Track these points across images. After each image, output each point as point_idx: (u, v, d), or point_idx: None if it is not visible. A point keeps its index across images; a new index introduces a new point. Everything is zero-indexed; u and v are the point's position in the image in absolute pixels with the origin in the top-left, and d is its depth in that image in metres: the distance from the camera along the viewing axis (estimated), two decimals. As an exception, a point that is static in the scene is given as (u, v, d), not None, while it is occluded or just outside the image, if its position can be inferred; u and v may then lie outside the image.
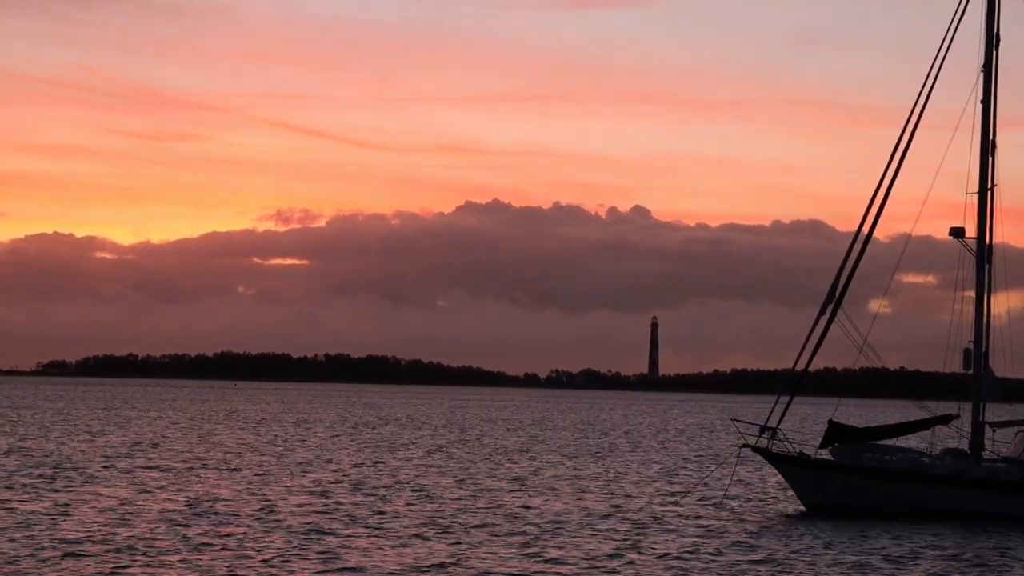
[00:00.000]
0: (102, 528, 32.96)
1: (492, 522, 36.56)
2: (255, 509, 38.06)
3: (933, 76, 43.19)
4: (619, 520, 37.96)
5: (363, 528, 34.43)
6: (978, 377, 42.75)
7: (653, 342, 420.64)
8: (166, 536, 31.88)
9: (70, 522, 33.99)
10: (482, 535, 33.72)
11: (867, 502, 41.25)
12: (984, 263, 43.07)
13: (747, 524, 38.06)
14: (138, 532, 32.42)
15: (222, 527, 33.77)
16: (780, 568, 29.81)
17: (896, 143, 43.27)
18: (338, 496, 42.64)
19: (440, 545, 31.68)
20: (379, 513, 37.92)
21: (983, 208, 43.14)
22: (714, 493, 46.89)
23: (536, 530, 35.04)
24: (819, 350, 42.84)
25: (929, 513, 40.71)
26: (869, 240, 43.17)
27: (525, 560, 29.75)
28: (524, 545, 32.05)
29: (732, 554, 31.59)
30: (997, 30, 43.25)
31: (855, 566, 30.50)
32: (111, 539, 31.03)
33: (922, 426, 43.41)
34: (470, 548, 31.30)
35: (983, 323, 43.01)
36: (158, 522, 34.45)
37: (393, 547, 31.10)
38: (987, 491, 41.13)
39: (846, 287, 42.73)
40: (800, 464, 42.32)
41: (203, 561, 28.33)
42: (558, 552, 31.08)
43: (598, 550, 31.59)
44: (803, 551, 32.52)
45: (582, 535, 34.34)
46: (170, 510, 37.27)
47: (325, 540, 31.93)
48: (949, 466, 41.78)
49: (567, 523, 36.86)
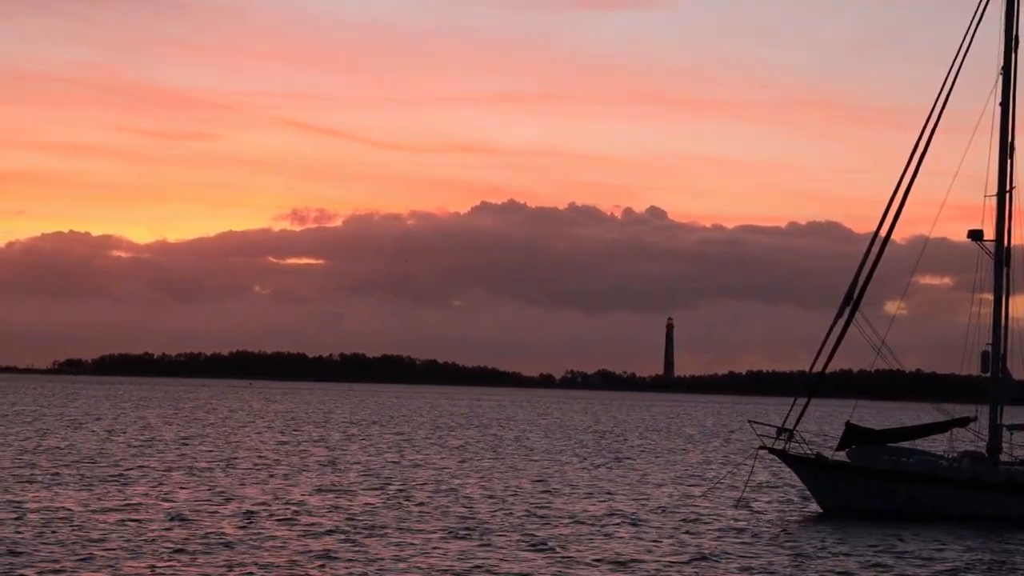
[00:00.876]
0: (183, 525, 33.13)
1: (511, 523, 36.61)
2: (351, 512, 38.23)
3: (952, 78, 43.12)
4: (634, 523, 37.94)
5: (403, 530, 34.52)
6: (996, 380, 42.65)
7: (668, 343, 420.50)
8: (235, 533, 32.05)
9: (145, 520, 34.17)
10: (496, 536, 33.77)
11: (884, 505, 41.19)
12: (1002, 266, 42.98)
13: (763, 526, 38.01)
14: (203, 532, 32.63)
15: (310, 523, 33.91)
16: (796, 571, 29.78)
17: (915, 145, 43.24)
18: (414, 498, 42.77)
19: (458, 547, 31.75)
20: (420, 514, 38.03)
21: (1001, 211, 43.04)
22: (731, 495, 46.85)
23: (550, 531, 35.05)
24: (836, 352, 42.81)
25: (947, 516, 40.63)
26: (887, 242, 43.12)
27: (539, 560, 29.74)
28: (537, 546, 32.05)
29: (748, 556, 31.55)
30: (1016, 32, 43.14)
31: (872, 569, 30.45)
32: (179, 538, 31.21)
33: (939, 428, 43.36)
34: (486, 549, 31.35)
35: (1001, 326, 42.93)
36: (228, 520, 34.66)
37: (421, 549, 31.19)
38: (1005, 494, 41.04)
39: (864, 289, 42.67)
40: (817, 466, 42.28)
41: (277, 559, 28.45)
42: (575, 553, 31.09)
43: (611, 552, 31.57)
44: (819, 554, 32.47)
45: (597, 536, 34.34)
46: (239, 511, 37.44)
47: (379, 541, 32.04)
48: (967, 469, 41.70)
49: (584, 524, 36.87)
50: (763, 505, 44.25)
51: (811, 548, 33.42)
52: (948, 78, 43.10)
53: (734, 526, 37.65)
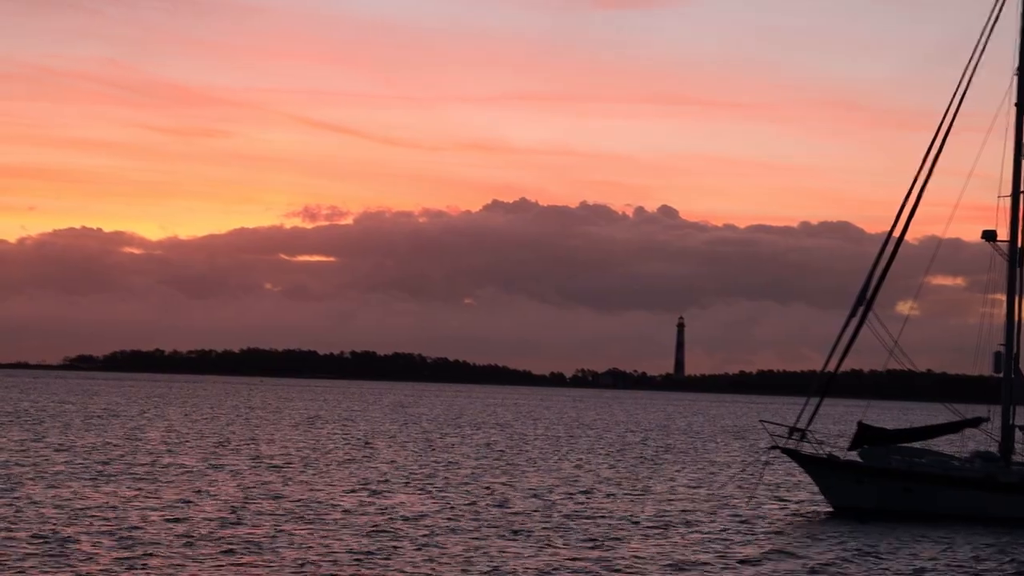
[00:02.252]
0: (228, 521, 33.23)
1: (517, 523, 36.70)
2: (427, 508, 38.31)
3: (967, 79, 43.09)
4: (644, 522, 37.96)
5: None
6: (1009, 380, 42.62)
7: (679, 342, 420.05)
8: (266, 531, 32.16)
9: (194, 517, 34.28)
10: (503, 538, 33.84)
11: (896, 505, 41.17)
12: (1015, 266, 42.94)
13: (775, 526, 38.03)
14: (243, 531, 32.73)
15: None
16: (808, 570, 29.78)
17: (929, 145, 43.21)
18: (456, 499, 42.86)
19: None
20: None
21: (1016, 211, 42.99)
22: (743, 494, 46.86)
23: (548, 531, 35.10)
24: (849, 352, 42.80)
25: (959, 517, 40.60)
26: (901, 243, 43.09)
27: (541, 562, 29.79)
28: (543, 547, 32.10)
29: (759, 556, 31.57)
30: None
31: (882, 569, 30.46)
32: (228, 534, 31.30)
33: (952, 429, 43.33)
34: (492, 547, 31.44)
35: (1014, 326, 42.89)
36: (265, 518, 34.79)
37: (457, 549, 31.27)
38: (1018, 495, 41.00)
39: (877, 289, 42.65)
40: (829, 466, 42.28)
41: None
42: (579, 551, 31.14)
43: (619, 551, 31.62)
44: (830, 554, 32.48)
45: (605, 536, 34.37)
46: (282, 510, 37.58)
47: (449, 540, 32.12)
48: (979, 469, 41.67)
49: (593, 523, 36.91)
50: (775, 505, 44.24)
51: (822, 548, 33.43)
52: (963, 79, 43.13)
53: (744, 525, 37.65)
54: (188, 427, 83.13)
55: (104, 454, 55.62)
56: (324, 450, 64.24)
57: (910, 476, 41.31)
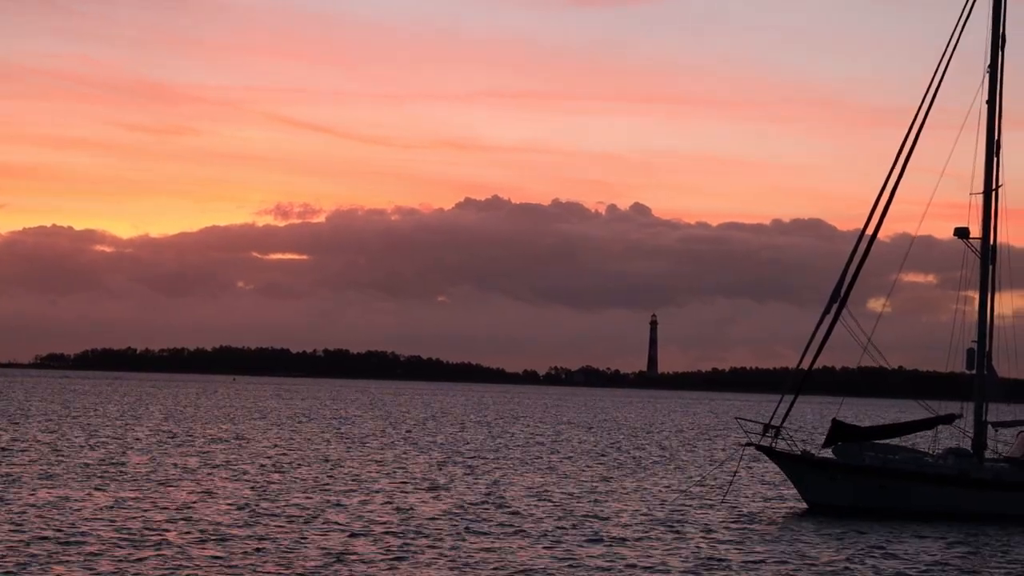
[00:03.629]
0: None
1: (496, 520, 36.69)
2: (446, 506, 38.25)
3: (939, 76, 43.22)
4: (617, 520, 37.98)
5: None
6: (981, 377, 42.80)
7: (652, 340, 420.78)
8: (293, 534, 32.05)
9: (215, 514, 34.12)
10: (482, 537, 33.84)
11: (870, 501, 41.30)
12: (989, 263, 43.12)
13: (749, 523, 38.08)
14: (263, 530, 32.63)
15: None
16: (781, 567, 29.82)
17: (902, 143, 43.33)
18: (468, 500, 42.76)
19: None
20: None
21: (988, 208, 43.16)
22: (716, 492, 46.94)
23: (535, 529, 35.12)
24: (823, 349, 42.90)
25: (932, 513, 40.77)
26: (874, 240, 43.22)
27: (514, 566, 29.78)
28: (520, 548, 32.10)
29: (733, 553, 31.58)
30: (1003, 30, 43.32)
31: (857, 565, 30.52)
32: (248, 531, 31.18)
33: (925, 425, 43.46)
34: (466, 547, 31.43)
35: (987, 323, 43.07)
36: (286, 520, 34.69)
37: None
38: (991, 491, 41.19)
39: (851, 287, 42.77)
40: (803, 463, 42.38)
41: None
42: (556, 550, 31.14)
43: (592, 549, 31.62)
44: (805, 550, 32.55)
45: (575, 535, 34.36)
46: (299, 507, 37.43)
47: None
48: (953, 466, 41.85)
49: (563, 521, 36.92)
50: (749, 502, 44.33)
51: (797, 545, 33.50)
52: (935, 76, 43.24)
53: (719, 523, 37.70)
54: (194, 427, 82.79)
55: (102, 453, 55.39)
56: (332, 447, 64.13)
57: (884, 473, 41.44)
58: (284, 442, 69.15)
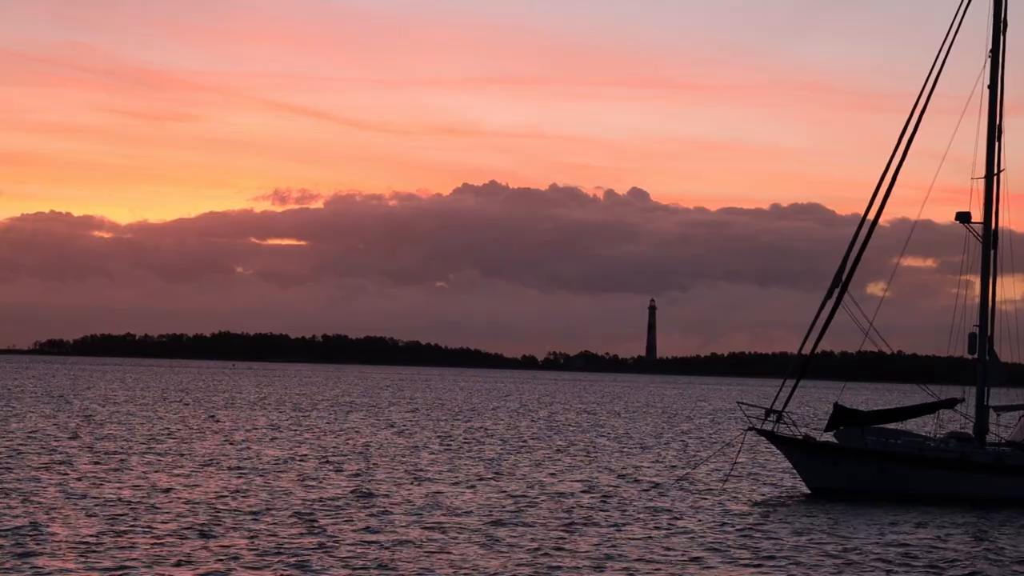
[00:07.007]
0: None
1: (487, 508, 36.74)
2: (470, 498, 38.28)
3: (940, 61, 43.20)
4: (617, 504, 38.02)
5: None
6: (983, 361, 42.83)
7: (651, 325, 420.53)
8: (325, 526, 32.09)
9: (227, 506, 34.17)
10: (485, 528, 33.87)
11: (872, 486, 41.36)
12: (990, 248, 43.13)
13: (751, 508, 38.12)
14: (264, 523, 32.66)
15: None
16: (783, 552, 29.82)
17: (903, 128, 43.32)
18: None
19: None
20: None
21: (989, 192, 43.17)
22: (718, 476, 46.99)
23: (529, 519, 35.15)
24: (824, 334, 42.94)
25: (934, 497, 40.83)
26: (876, 224, 43.24)
27: (495, 561, 29.80)
28: (494, 544, 32.13)
29: (735, 538, 31.59)
30: (1005, 15, 43.28)
31: (858, 550, 30.56)
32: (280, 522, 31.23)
33: (927, 410, 43.51)
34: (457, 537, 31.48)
35: (988, 308, 43.10)
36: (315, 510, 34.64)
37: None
38: (992, 475, 41.26)
39: (852, 271, 42.80)
40: (805, 447, 42.43)
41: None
42: (560, 534, 31.19)
43: (594, 536, 31.64)
44: (807, 535, 32.57)
45: (579, 520, 34.41)
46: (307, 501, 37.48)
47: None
48: (954, 450, 41.91)
49: (565, 505, 36.97)
50: (751, 486, 44.38)
51: (799, 529, 33.54)
52: (937, 61, 43.24)
53: (721, 507, 37.75)
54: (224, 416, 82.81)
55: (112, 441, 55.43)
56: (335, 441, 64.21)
57: (886, 457, 41.50)
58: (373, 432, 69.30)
